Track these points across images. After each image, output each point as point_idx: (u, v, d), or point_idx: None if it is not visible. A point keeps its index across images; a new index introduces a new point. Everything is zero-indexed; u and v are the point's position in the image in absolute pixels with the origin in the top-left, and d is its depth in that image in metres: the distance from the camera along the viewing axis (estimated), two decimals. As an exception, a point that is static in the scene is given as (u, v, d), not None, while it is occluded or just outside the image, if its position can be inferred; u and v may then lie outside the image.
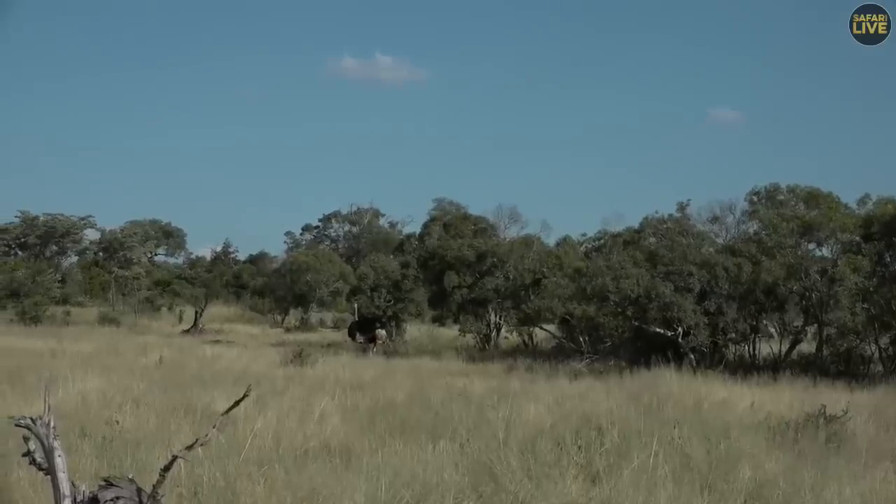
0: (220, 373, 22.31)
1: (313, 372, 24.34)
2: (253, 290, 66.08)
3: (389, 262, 45.09)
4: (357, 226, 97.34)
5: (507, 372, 26.81)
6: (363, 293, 41.41)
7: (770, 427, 14.47)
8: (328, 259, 64.11)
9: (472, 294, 39.04)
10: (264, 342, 40.81)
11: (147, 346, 30.98)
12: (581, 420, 14.66)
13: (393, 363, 29.20)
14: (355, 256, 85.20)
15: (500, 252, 39.57)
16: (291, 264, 63.76)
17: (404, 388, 19.93)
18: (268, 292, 63.44)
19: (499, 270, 38.93)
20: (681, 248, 31.77)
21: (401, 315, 41.45)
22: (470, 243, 41.70)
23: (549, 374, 25.64)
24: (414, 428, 13.81)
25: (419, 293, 41.66)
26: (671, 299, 28.83)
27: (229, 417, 9.07)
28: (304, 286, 60.39)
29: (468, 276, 39.51)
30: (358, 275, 45.36)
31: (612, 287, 29.85)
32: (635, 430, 12.99)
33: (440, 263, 40.65)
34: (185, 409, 14.99)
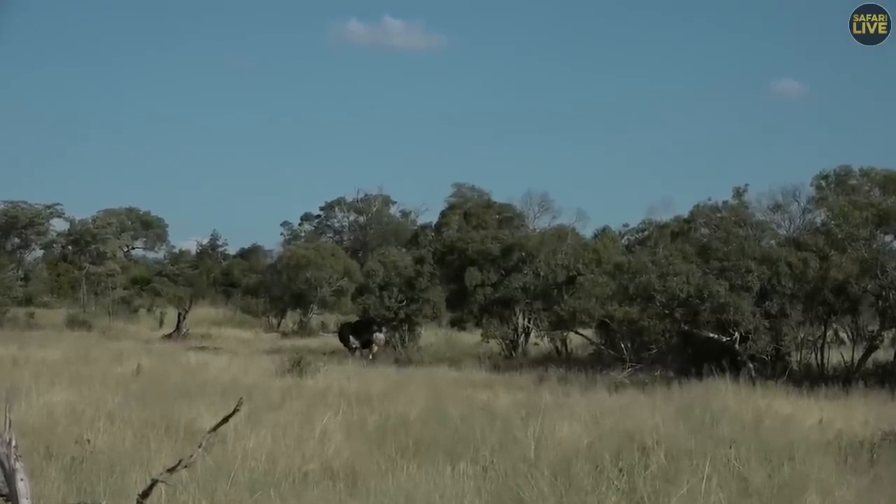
0: (207, 384, 22.33)
1: (314, 383, 24.36)
2: (245, 289, 66.26)
3: (401, 256, 45.03)
4: (364, 215, 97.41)
5: (537, 383, 26.77)
6: (371, 292, 41.37)
7: (841, 447, 14.40)
8: (331, 253, 64.15)
9: (496, 294, 39.00)
10: (257, 349, 40.87)
11: (123, 353, 31.05)
12: (622, 439, 14.62)
13: (405, 373, 29.20)
14: (362, 250, 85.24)
15: (529, 245, 39.52)
16: (289, 259, 63.84)
17: (418, 401, 19.92)
18: (262, 291, 63.61)
19: (527, 266, 38.87)
20: (737, 240, 31.64)
21: (414, 317, 41.38)
22: (494, 235, 41.68)
23: (586, 386, 25.59)
24: (430, 447, 13.80)
25: (435, 292, 41.59)
26: (726, 299, 28.73)
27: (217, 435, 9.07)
28: (304, 284, 60.42)
29: (492, 273, 39.47)
30: (365, 271, 45.27)
31: (659, 285, 29.76)
32: (685, 451, 12.95)
33: (460, 258, 40.62)
34: (167, 426, 15.02)
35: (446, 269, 41.70)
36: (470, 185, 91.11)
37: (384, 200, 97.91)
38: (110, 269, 76.33)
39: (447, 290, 41.92)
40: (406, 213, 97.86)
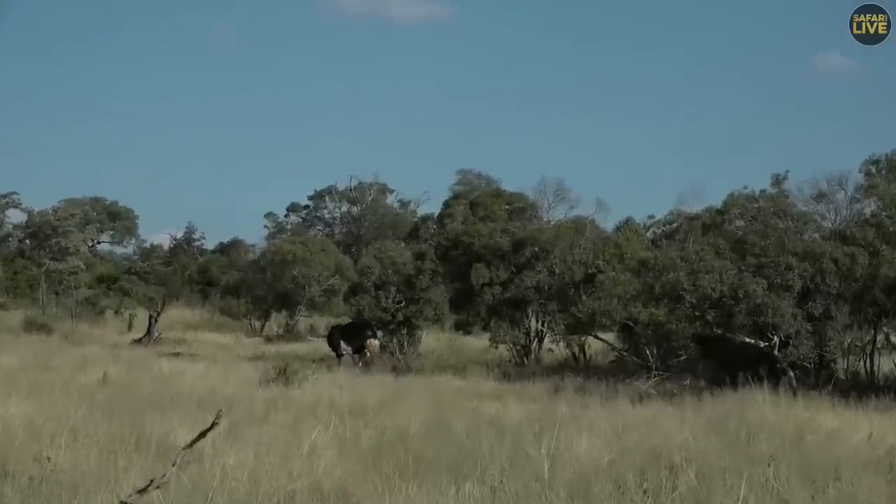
0: (182, 394, 22.36)
1: (301, 394, 24.38)
2: (224, 289, 66.19)
3: (400, 251, 45.08)
4: (358, 205, 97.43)
5: (552, 393, 26.78)
6: (366, 292, 41.38)
7: (893, 466, 14.41)
8: (321, 248, 64.13)
9: (506, 293, 38.99)
10: (238, 355, 40.88)
11: (87, 360, 31.07)
12: (647, 456, 14.64)
13: (404, 382, 29.20)
14: (356, 245, 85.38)
15: (544, 239, 39.50)
16: (273, 255, 63.81)
17: (419, 414, 19.93)
18: (243, 291, 63.55)
19: (541, 263, 38.88)
20: (777, 233, 31.62)
21: (414, 320, 41.39)
22: (504, 228, 41.62)
23: (607, 397, 25.60)
24: (431, 466, 13.82)
25: (438, 292, 41.61)
26: (764, 300, 28.72)
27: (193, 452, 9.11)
28: (290, 283, 60.43)
29: (501, 271, 39.45)
30: (359, 268, 45.31)
31: (688, 284, 29.75)
32: (718, 470, 12.96)
33: (465, 254, 40.60)
34: (137, 442, 15.04)
35: (450, 266, 41.67)
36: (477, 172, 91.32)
37: (380, 189, 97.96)
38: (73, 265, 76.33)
39: (451, 290, 41.92)
40: (405, 204, 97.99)
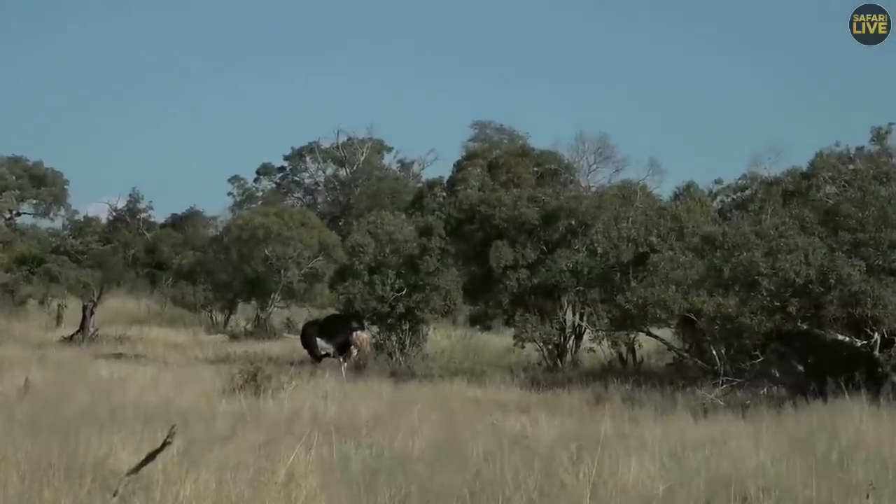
0: (125, 407, 22.39)
1: (276, 406, 24.40)
2: (178, 273, 66.27)
3: (400, 225, 45.00)
4: (347, 167, 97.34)
5: (593, 405, 26.80)
6: (357, 276, 41.35)
7: None
8: (300, 221, 63.99)
9: (535, 278, 38.94)
10: (196, 357, 40.93)
11: (4, 364, 31.09)
12: (714, 484, 14.63)
13: (406, 391, 29.24)
14: (344, 217, 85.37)
15: (583, 210, 39.40)
16: (240, 230, 63.65)
17: (425, 431, 19.95)
18: (202, 276, 63.60)
19: (579, 240, 38.86)
20: (878, 202, 31.54)
21: (419, 312, 41.36)
22: (532, 195, 41.53)
23: (662, 409, 25.61)
24: (440, 498, 13.83)
25: (448, 277, 41.53)
26: (862, 287, 28.64)
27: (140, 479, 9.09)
28: (262, 266, 60.37)
29: (529, 250, 39.40)
30: (349, 246, 45.17)
31: (765, 267, 29.70)
32: (804, 501, 12.93)
33: (483, 228, 40.53)
34: (68, 467, 15.02)
35: (464, 244, 41.60)
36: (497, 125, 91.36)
37: (375, 146, 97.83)
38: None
39: (465, 274, 41.84)
40: (406, 165, 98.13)
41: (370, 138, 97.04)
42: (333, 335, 37.93)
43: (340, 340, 37.63)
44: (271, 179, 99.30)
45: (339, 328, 38.18)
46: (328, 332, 38.25)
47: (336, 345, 37.54)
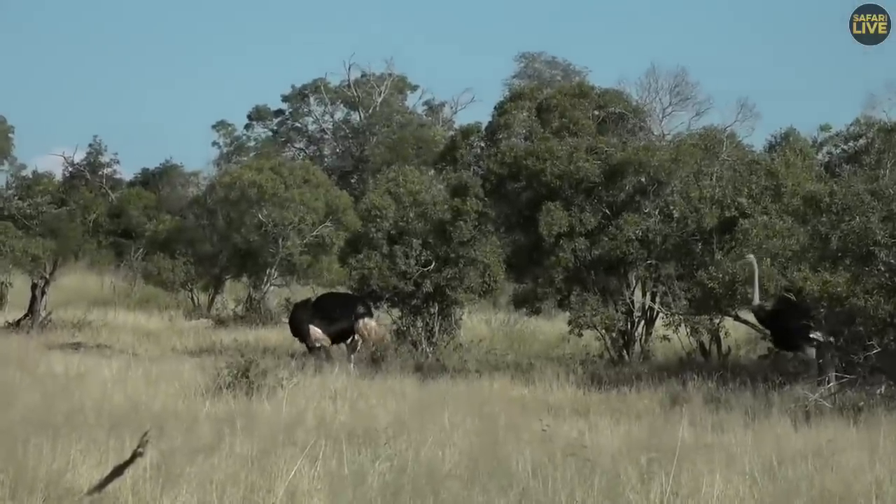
0: (86, 410, 22.48)
1: (273, 408, 24.47)
2: (150, 243, 66.38)
3: (427, 183, 45.02)
4: (362, 110, 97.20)
5: (669, 407, 26.87)
6: (374, 248, 41.35)
7: None
8: (303, 177, 63.99)
9: (595, 249, 38.91)
10: (174, 347, 41.12)
11: (-64, 356, 31.28)
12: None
13: (435, 389, 29.36)
14: (357, 173, 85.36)
15: (655, 164, 39.36)
16: (228, 189, 63.72)
17: (458, 440, 20.03)
18: (181, 246, 63.64)
19: (651, 201, 38.81)
20: None
21: (451, 292, 41.35)
22: (592, 146, 41.50)
23: (754, 412, 25.64)
24: (477, 522, 13.87)
25: (488, 248, 41.48)
26: None
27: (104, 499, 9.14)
28: (255, 234, 60.48)
29: (588, 214, 39.37)
30: (363, 209, 45.11)
31: (883, 235, 29.67)
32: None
33: (531, 187, 40.51)
34: (15, 484, 15.13)
35: (507, 207, 41.62)
36: (548, 57, 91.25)
37: (396, 84, 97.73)
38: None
39: (508, 244, 41.83)
40: (435, 108, 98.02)
41: (389, 74, 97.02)
42: (332, 320, 37.49)
43: (340, 328, 37.31)
44: (266, 126, 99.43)
45: (338, 312, 37.74)
46: (324, 315, 37.88)
47: (333, 333, 37.16)
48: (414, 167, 50.12)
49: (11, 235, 58.10)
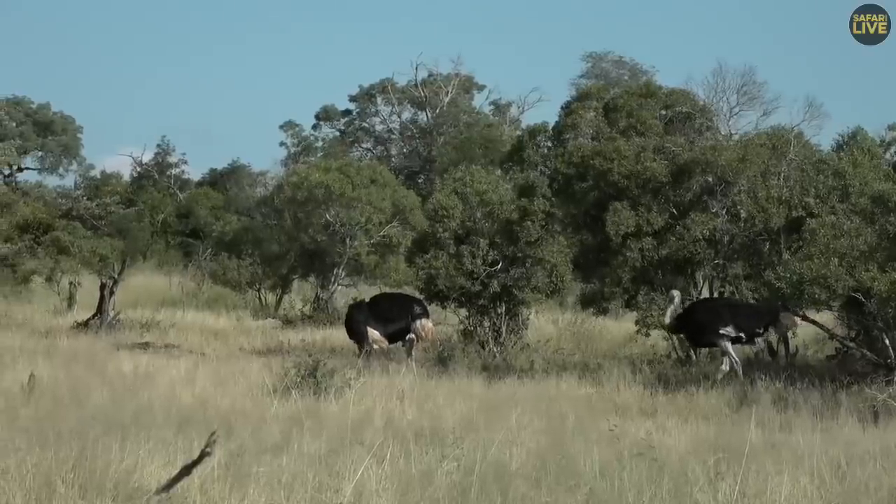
0: (154, 409, 22.54)
1: (340, 408, 24.50)
2: (218, 243, 66.48)
3: (494, 182, 44.97)
4: (429, 109, 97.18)
5: (736, 407, 26.78)
6: (441, 248, 41.32)
7: None
8: (370, 178, 63.88)
9: (663, 249, 38.84)
10: (241, 347, 41.12)
11: (5, 356, 31.37)
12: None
13: (502, 389, 29.33)
14: (424, 173, 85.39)
15: (722, 163, 39.23)
16: (296, 189, 63.68)
17: (526, 439, 20.01)
18: (248, 247, 63.72)
19: (718, 201, 38.73)
20: None
21: (518, 292, 41.28)
22: (659, 145, 41.39)
23: (821, 413, 25.54)
24: (545, 522, 13.86)
25: (555, 248, 41.38)
26: None
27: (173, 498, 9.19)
28: (323, 234, 60.47)
29: (656, 214, 39.28)
30: (430, 209, 45.08)
31: (956, 233, 29.54)
32: None
33: (598, 187, 40.44)
34: (84, 482, 15.17)
35: (574, 206, 41.54)
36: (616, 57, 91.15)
37: (463, 84, 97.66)
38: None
39: (575, 244, 41.77)
40: (502, 108, 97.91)
41: (456, 74, 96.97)
42: (388, 321, 37.36)
43: (397, 328, 37.21)
44: (334, 126, 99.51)
45: (395, 312, 37.68)
46: (382, 316, 37.86)
47: (389, 333, 37.07)
48: (481, 167, 50.04)
49: (80, 236, 58.12)
